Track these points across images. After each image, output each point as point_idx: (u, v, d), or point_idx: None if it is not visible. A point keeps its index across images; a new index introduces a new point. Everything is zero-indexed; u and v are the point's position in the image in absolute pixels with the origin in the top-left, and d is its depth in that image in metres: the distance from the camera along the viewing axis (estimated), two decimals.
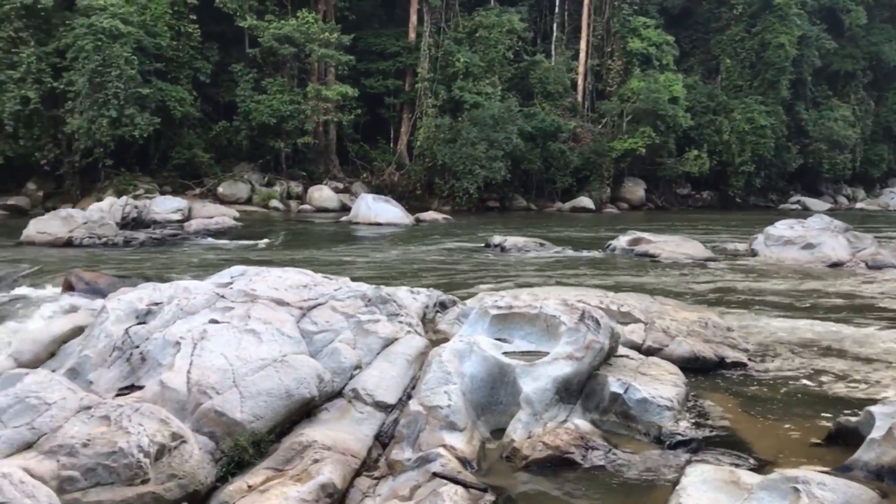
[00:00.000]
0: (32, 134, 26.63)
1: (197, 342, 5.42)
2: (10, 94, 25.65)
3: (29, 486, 3.61)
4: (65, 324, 6.08)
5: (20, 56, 25.90)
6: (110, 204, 21.26)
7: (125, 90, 25.74)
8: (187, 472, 4.34)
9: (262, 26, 29.41)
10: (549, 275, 13.37)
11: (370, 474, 4.80)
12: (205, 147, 30.16)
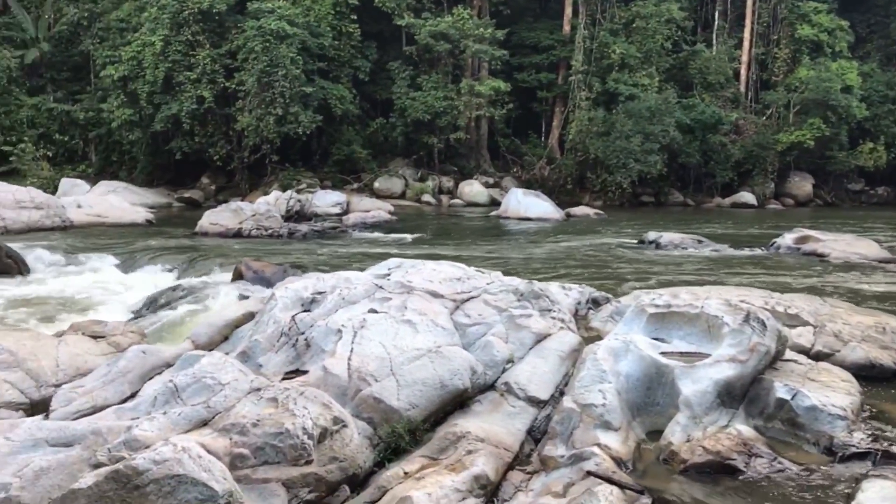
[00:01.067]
0: (206, 131, 28.53)
1: (357, 331, 5.61)
2: (188, 93, 27.60)
3: (205, 460, 3.86)
4: (237, 310, 6.48)
5: (196, 58, 27.81)
6: (276, 197, 22.42)
7: (290, 89, 27.04)
8: (347, 456, 4.51)
9: (419, 24, 30.02)
10: (709, 273, 12.84)
11: (522, 469, 4.80)
12: (363, 143, 31.22)
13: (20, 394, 5.01)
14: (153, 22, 28.32)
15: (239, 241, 17.67)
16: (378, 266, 7.28)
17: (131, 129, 29.21)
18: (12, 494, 3.56)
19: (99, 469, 3.76)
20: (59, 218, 20.11)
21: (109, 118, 29.33)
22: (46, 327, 8.42)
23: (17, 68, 31.58)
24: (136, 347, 5.39)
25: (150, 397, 4.62)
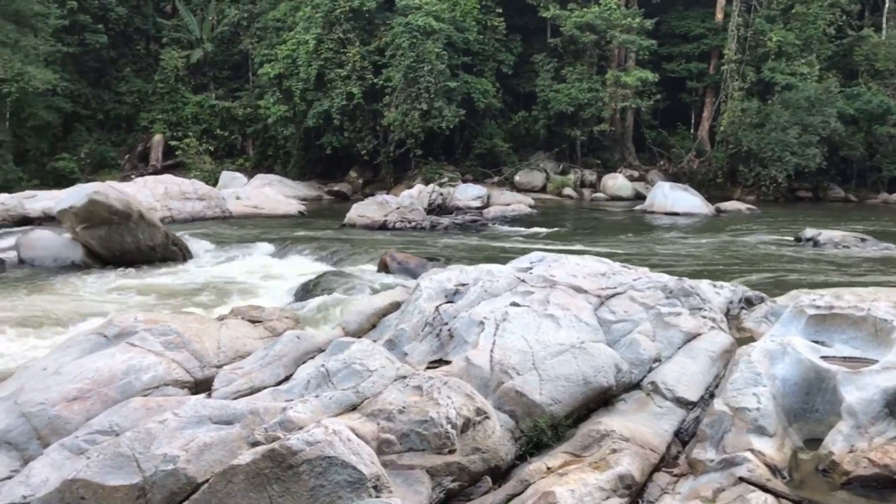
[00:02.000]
0: (355, 127, 29.46)
1: (499, 323, 5.62)
2: (338, 90, 28.60)
3: (355, 444, 3.98)
4: (384, 299, 6.65)
5: (347, 55, 28.76)
6: (419, 191, 22.85)
7: (435, 84, 27.47)
8: (490, 447, 4.53)
9: (564, 15, 29.70)
10: (874, 274, 11.98)
11: (669, 471, 4.65)
12: (504, 137, 31.28)
13: (186, 373, 5.36)
14: (307, 21, 29.53)
15: (384, 232, 18.13)
16: (520, 259, 7.26)
17: (286, 125, 30.60)
18: (179, 466, 3.81)
19: (256, 447, 3.97)
20: (220, 209, 21.38)
21: (266, 114, 30.85)
22: (208, 311, 8.96)
23: (184, 68, 33.80)
24: (290, 332, 5.65)
25: (303, 381, 4.82)
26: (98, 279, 11.99)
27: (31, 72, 26.69)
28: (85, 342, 5.63)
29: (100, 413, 4.75)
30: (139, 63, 34.97)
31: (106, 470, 3.81)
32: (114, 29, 33.27)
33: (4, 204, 18.92)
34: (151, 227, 13.76)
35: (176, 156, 31.95)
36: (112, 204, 12.89)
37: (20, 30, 27.52)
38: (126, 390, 5.00)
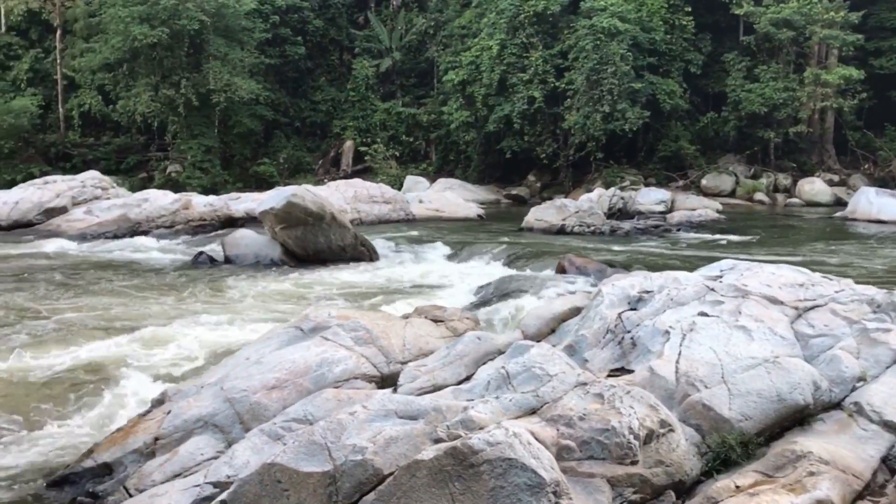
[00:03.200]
0: (535, 131, 29.47)
1: (686, 333, 5.42)
2: (520, 94, 28.75)
3: (535, 447, 3.98)
4: (564, 304, 6.61)
5: (529, 59, 28.86)
6: (599, 195, 22.49)
7: (619, 86, 26.96)
8: (674, 461, 4.37)
9: (759, 12, 28.15)
10: None
11: (874, 500, 4.28)
12: (691, 139, 30.14)
13: (373, 367, 5.59)
14: (491, 27, 29.94)
15: (562, 237, 18.01)
16: (709, 267, 6.96)
17: (467, 130, 31.17)
18: (367, 457, 3.97)
19: (439, 444, 4.06)
20: (404, 212, 22.14)
21: (448, 120, 31.58)
22: (393, 309, 9.30)
23: (374, 76, 35.31)
24: (471, 333, 5.74)
25: (483, 381, 4.88)
26: (293, 276, 12.78)
27: (237, 82, 28.92)
28: (283, 335, 6.02)
29: (295, 402, 5.05)
30: (333, 73, 36.92)
31: (300, 456, 4.05)
32: (311, 41, 35.35)
33: (213, 205, 20.59)
34: (342, 228, 14.48)
35: (364, 161, 33.43)
36: (308, 206, 13.69)
37: (229, 44, 29.91)
38: (319, 381, 5.29)
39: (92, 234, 18.46)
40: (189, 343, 8.10)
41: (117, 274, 12.91)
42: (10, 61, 33.06)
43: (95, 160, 30.36)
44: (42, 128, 31.06)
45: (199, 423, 5.03)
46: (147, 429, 5.13)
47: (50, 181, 21.71)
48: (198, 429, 5.01)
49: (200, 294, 10.98)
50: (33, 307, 9.76)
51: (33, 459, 5.39)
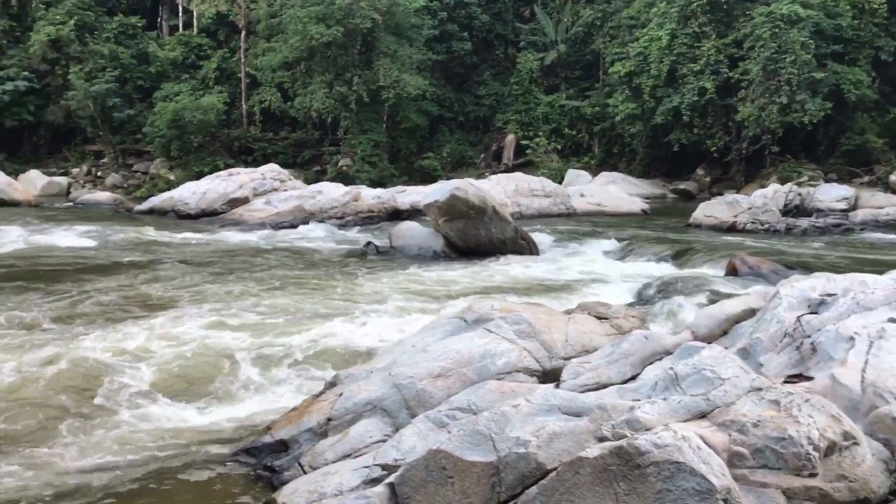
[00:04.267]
0: (705, 123, 28.35)
1: (873, 340, 5.04)
2: (690, 85, 27.75)
3: (704, 452, 3.84)
4: (738, 304, 6.32)
5: (701, 49, 27.78)
6: (774, 190, 21.33)
7: (798, 76, 25.43)
8: (858, 477, 4.08)
9: None
10: None
11: None
12: (879, 132, 27.93)
13: (535, 362, 5.60)
14: (661, 17, 29.09)
15: (732, 234, 17.24)
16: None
17: (633, 123, 30.47)
18: (531, 451, 3.99)
19: (603, 443, 4.01)
20: (564, 206, 21.96)
21: (613, 112, 30.99)
22: (553, 304, 9.26)
23: (538, 69, 35.22)
24: (638, 332, 5.62)
25: (650, 382, 4.76)
26: (455, 268, 13.00)
27: (406, 79, 29.75)
28: (448, 325, 6.15)
29: (459, 391, 5.14)
30: (497, 67, 37.17)
31: (465, 445, 4.12)
32: (477, 36, 35.77)
33: (380, 197, 21.32)
34: (503, 221, 14.57)
35: (526, 154, 33.45)
36: (470, 199, 13.88)
37: (399, 41, 30.81)
38: (482, 372, 5.36)
39: (270, 224, 19.63)
40: (357, 329, 8.44)
41: (292, 261, 13.66)
42: (201, 61, 35.68)
43: (274, 154, 32.22)
44: (227, 123, 33.30)
45: (369, 406, 5.24)
46: (320, 409, 5.40)
47: (234, 173, 23.28)
48: (367, 412, 5.21)
49: (367, 282, 11.41)
50: (214, 290, 10.50)
51: (220, 429, 5.81)
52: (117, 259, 13.58)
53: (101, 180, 33.39)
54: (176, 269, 12.42)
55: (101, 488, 4.80)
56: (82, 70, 33.81)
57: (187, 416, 6.06)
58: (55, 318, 8.67)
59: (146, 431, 5.69)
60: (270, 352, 7.47)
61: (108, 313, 9.02)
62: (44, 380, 6.41)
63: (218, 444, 5.53)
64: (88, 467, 5.08)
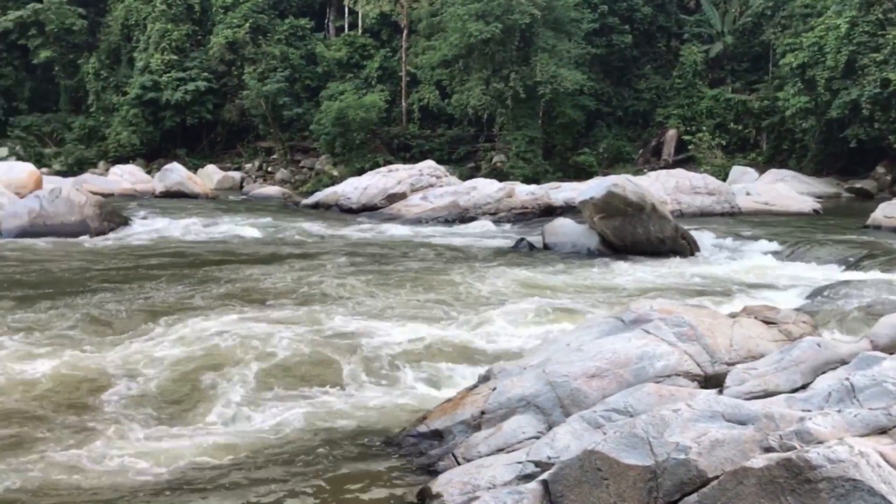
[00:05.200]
0: (888, 117, 26.22)
1: None
2: (871, 77, 25.78)
3: (885, 471, 3.56)
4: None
5: (886, 38, 25.71)
6: None
7: None
8: None
9: None
10: None
11: None
12: None
13: (696, 366, 5.39)
14: (840, 4, 27.25)
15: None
16: None
17: (805, 117, 28.69)
18: (691, 457, 3.85)
19: (769, 454, 3.80)
20: (728, 204, 21.00)
21: (784, 106, 29.31)
22: (715, 306, 8.89)
23: (702, 62, 33.90)
24: (810, 339, 5.28)
25: (822, 392, 4.47)
26: (611, 266, 12.76)
27: (563, 74, 29.47)
28: (603, 324, 6.04)
29: (614, 392, 5.04)
30: (659, 60, 36.08)
31: (621, 447, 4.03)
32: (638, 28, 34.87)
33: (534, 194, 21.27)
34: (662, 219, 14.14)
35: (687, 150, 32.27)
36: (628, 196, 13.57)
37: (557, 36, 30.55)
38: (639, 374, 5.23)
39: (426, 219, 20.06)
40: (507, 325, 8.47)
41: (445, 256, 13.89)
42: (364, 61, 36.92)
43: (431, 150, 32.85)
44: (387, 121, 34.29)
45: (522, 402, 5.24)
46: (474, 402, 5.46)
47: (393, 169, 23.97)
48: (520, 408, 5.21)
49: (521, 279, 11.41)
50: (371, 282, 10.85)
51: (374, 417, 6.00)
52: (282, 250, 14.34)
53: (270, 175, 35.33)
54: (337, 260, 12.95)
55: (256, 467, 5.08)
56: (256, 70, 35.91)
57: (340, 402, 6.29)
58: (218, 299, 9.28)
59: (302, 414, 5.95)
60: (423, 343, 7.63)
61: (269, 299, 9.54)
62: (210, 356, 6.90)
63: (372, 431, 5.71)
64: (241, 445, 5.38)
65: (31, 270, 11.50)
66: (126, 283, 10.37)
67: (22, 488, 4.63)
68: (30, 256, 12.95)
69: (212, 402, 6.12)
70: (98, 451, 5.15)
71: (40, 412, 5.80)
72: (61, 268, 11.80)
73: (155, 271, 11.52)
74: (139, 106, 36.62)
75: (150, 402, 6.08)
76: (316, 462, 5.16)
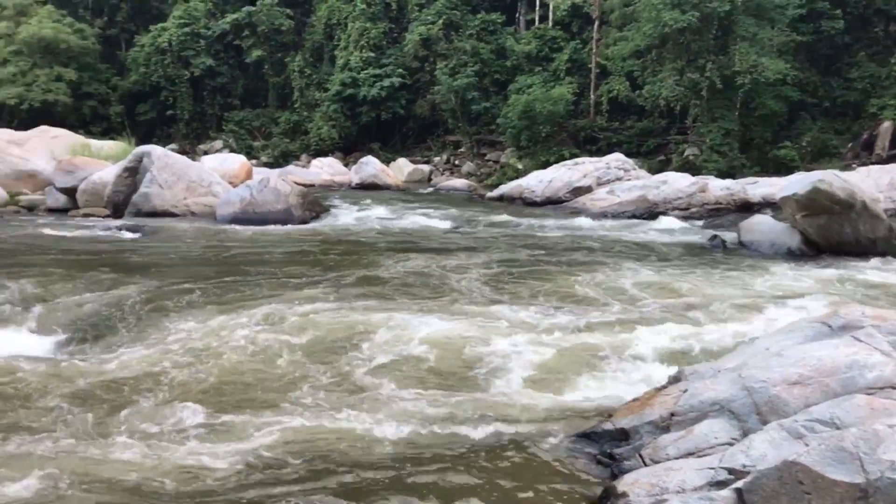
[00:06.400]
0: None
1: None
2: None
3: None
4: None
5: None
6: None
7: None
8: None
9: None
10: None
11: None
12: None
13: None
14: None
15: None
16: None
17: None
18: None
19: None
20: None
21: None
22: None
23: None
24: None
25: None
26: (814, 268, 11.94)
27: (764, 63, 27.81)
28: (807, 329, 5.66)
29: (818, 402, 4.72)
30: (875, 46, 33.14)
31: (826, 461, 3.78)
32: (851, 13, 32.22)
33: (729, 189, 20.28)
34: (874, 218, 13.06)
35: None
36: (835, 193, 12.63)
37: (758, 23, 28.86)
38: (847, 385, 4.86)
39: (612, 213, 19.70)
40: (699, 326, 8.15)
41: (633, 253, 13.56)
42: (553, 53, 36.76)
43: (618, 143, 32.17)
44: (574, 113, 33.94)
45: (715, 406, 5.03)
46: (663, 403, 5.31)
47: (579, 162, 23.74)
48: (713, 412, 5.01)
49: (712, 279, 10.94)
50: (559, 277, 10.80)
51: (558, 412, 5.99)
52: (473, 241, 14.61)
53: (457, 168, 36.09)
54: (522, 253, 13.03)
55: (461, 444, 5.22)
56: (447, 66, 36.78)
57: (523, 395, 6.32)
58: (430, 290, 9.60)
59: (502, 404, 6.05)
60: (608, 339, 7.52)
61: (469, 293, 9.75)
62: (437, 349, 7.16)
63: (555, 425, 5.70)
64: (444, 432, 5.54)
65: (251, 251, 12.56)
66: (337, 268, 11.02)
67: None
68: (243, 239, 14.06)
69: (381, 391, 6.36)
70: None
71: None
72: (277, 251, 12.76)
73: (355, 257, 12.16)
74: (338, 102, 38.67)
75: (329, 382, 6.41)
76: (498, 453, 5.24)
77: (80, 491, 4.53)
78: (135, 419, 5.57)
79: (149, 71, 43.71)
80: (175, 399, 5.92)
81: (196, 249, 12.98)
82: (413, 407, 5.92)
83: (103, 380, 6.28)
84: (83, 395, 5.96)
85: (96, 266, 10.82)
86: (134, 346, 7.19)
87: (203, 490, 4.62)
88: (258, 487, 4.65)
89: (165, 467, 4.86)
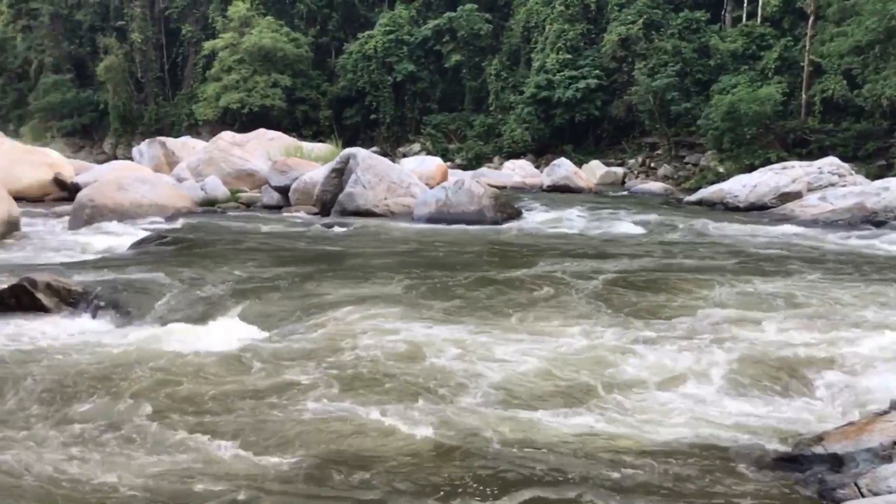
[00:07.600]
0: None
1: None
2: None
3: None
4: None
5: None
6: None
7: None
8: None
9: None
10: None
11: None
12: None
13: None
14: None
15: None
16: None
17: None
18: None
19: None
20: None
21: None
22: None
23: None
24: None
25: None
26: None
27: None
28: None
29: None
30: None
31: None
32: None
33: None
34: None
35: None
36: None
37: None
38: None
39: (823, 221, 18.35)
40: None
41: (848, 265, 12.56)
42: (762, 51, 34.81)
43: (832, 146, 29.90)
44: (783, 114, 31.96)
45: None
46: (884, 430, 4.89)
47: (787, 166, 22.33)
48: None
49: None
50: (774, 288, 10.21)
51: (763, 431, 5.68)
52: (673, 248, 14.15)
53: (653, 171, 35.12)
54: (727, 262, 12.46)
55: (670, 457, 5.11)
56: (646, 66, 35.89)
57: (725, 407, 6.05)
58: (600, 297, 9.46)
59: (686, 420, 5.84)
60: (821, 356, 7.03)
61: (653, 302, 9.50)
62: (562, 359, 7.07)
63: (759, 444, 5.41)
64: (571, 447, 5.43)
65: (450, 251, 12.95)
66: (524, 266, 11.13)
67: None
68: (441, 239, 14.51)
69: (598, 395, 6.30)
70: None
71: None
72: (473, 250, 13.06)
73: (552, 259, 12.16)
74: (533, 104, 38.89)
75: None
76: (700, 470, 5.05)
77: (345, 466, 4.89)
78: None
79: (355, 77, 46.19)
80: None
81: (398, 246, 13.56)
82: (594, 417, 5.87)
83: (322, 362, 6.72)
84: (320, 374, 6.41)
85: (312, 259, 11.66)
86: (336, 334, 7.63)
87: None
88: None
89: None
